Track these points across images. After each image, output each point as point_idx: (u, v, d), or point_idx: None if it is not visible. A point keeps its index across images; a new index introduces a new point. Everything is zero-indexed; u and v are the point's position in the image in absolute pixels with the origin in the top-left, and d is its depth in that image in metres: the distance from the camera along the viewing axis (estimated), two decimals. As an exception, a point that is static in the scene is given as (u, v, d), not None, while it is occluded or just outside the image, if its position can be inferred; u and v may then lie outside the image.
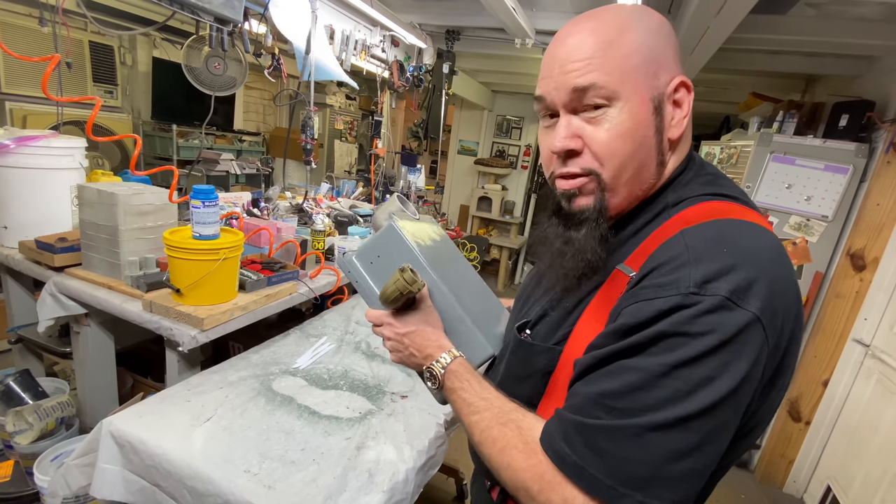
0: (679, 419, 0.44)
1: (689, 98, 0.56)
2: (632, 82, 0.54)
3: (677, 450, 0.45)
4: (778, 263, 0.49)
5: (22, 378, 1.51)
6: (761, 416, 0.53)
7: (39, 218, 1.55)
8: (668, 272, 0.48)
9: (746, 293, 0.45)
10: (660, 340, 0.46)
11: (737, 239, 0.49)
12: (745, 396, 0.46)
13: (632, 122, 0.54)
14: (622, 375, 0.47)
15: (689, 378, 0.45)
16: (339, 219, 2.40)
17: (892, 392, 1.93)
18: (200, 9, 1.44)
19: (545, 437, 0.51)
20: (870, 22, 1.92)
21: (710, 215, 0.53)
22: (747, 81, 3.20)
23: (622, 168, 0.56)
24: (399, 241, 0.75)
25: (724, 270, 0.46)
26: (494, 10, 2.12)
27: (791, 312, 0.49)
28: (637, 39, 0.54)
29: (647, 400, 0.45)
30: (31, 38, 2.94)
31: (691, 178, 0.58)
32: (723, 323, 0.44)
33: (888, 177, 2.07)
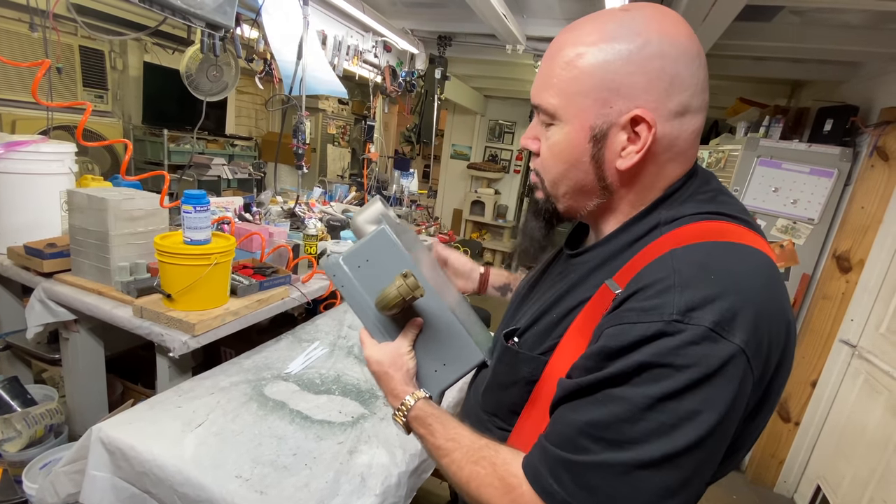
0: (666, 456, 0.44)
1: (647, 133, 0.51)
2: (575, 106, 0.53)
3: (667, 487, 0.44)
4: (767, 291, 0.48)
5: (10, 385, 1.50)
6: (745, 441, 0.53)
7: (28, 223, 1.54)
8: (652, 296, 0.47)
9: (731, 324, 0.44)
10: (644, 371, 0.45)
11: (725, 265, 0.48)
12: (729, 428, 0.46)
13: (566, 144, 0.55)
14: (607, 406, 0.46)
15: (675, 411, 0.44)
16: (332, 223, 2.40)
17: (878, 392, 1.96)
18: (192, 14, 1.44)
19: (530, 471, 0.51)
20: (853, 29, 1.97)
21: (702, 236, 0.51)
22: (734, 87, 3.25)
23: (554, 183, 0.59)
24: (391, 247, 0.72)
25: (709, 299, 0.45)
26: (486, 16, 2.14)
27: (779, 341, 0.48)
28: (595, 63, 0.52)
29: (632, 433, 0.45)
30: (20, 43, 2.92)
31: (689, 196, 0.56)
32: (706, 356, 0.43)
33: (872, 180, 2.11)
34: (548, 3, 2.34)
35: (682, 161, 0.56)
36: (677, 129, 0.53)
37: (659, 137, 0.52)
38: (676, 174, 0.56)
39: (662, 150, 0.53)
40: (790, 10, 1.89)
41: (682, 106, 0.52)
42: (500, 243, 5.66)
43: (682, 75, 0.51)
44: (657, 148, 0.53)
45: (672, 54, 0.50)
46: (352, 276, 0.74)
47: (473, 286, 0.95)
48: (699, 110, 0.53)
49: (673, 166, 0.56)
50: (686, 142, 0.54)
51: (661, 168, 0.55)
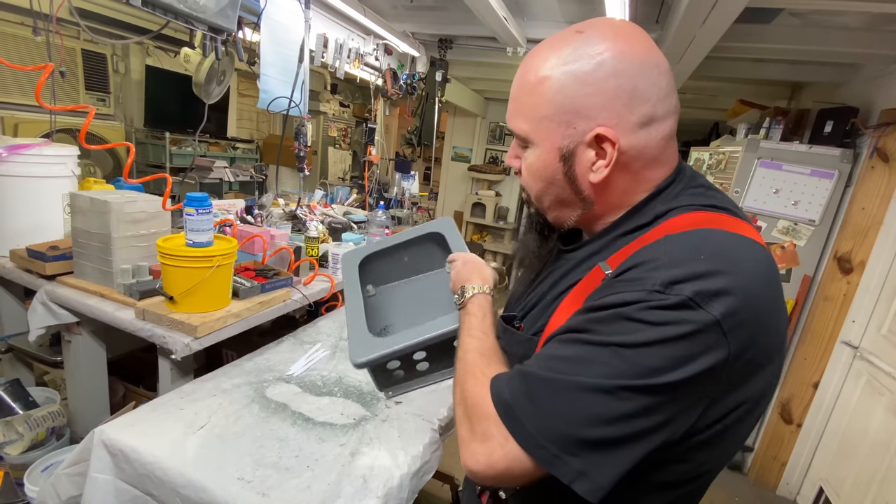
0: (611, 388, 0.45)
1: (612, 149, 0.54)
2: (543, 130, 0.57)
3: (600, 415, 0.46)
4: (759, 280, 0.48)
5: (12, 388, 1.50)
6: (734, 432, 0.52)
7: (31, 226, 1.54)
8: (640, 272, 0.49)
9: (713, 299, 0.45)
10: (615, 321, 0.47)
11: (718, 249, 0.49)
12: (692, 397, 0.46)
13: (540, 164, 0.59)
14: (574, 345, 0.49)
15: (634, 363, 0.45)
16: (333, 225, 2.40)
17: (880, 393, 1.96)
18: (195, 18, 1.45)
19: (494, 380, 0.54)
20: (852, 31, 1.97)
21: (698, 224, 0.52)
22: (734, 89, 3.25)
23: (538, 198, 0.64)
24: None
25: (694, 275, 0.46)
26: (486, 19, 2.15)
27: (767, 331, 0.48)
28: (554, 88, 0.54)
29: (588, 370, 0.47)
30: (23, 47, 2.93)
31: (681, 190, 0.58)
32: (680, 319, 0.44)
33: (872, 181, 2.11)
34: (548, 5, 2.34)
35: (661, 163, 0.58)
36: (644, 138, 0.54)
37: (625, 149, 0.54)
38: (659, 175, 0.58)
39: (633, 159, 0.55)
40: (789, 12, 1.90)
41: (645, 117, 0.54)
42: (501, 245, 5.66)
43: (641, 88, 0.53)
44: (627, 158, 0.55)
45: (628, 70, 0.52)
46: None
47: None
48: (667, 115, 0.55)
49: (651, 170, 0.58)
50: (657, 147, 0.56)
51: (638, 175, 0.57)
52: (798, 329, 2.43)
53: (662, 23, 2.19)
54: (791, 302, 2.41)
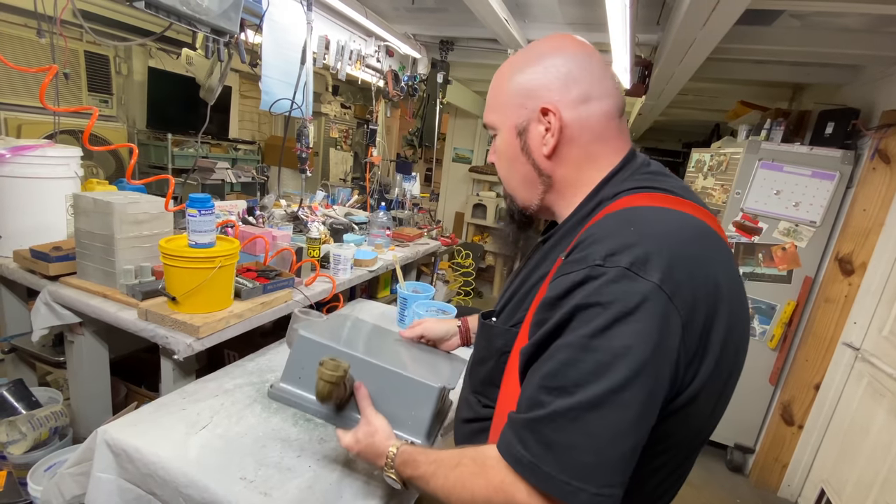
0: (608, 392, 0.47)
1: (555, 119, 0.64)
2: (503, 114, 0.69)
3: (617, 429, 0.47)
4: (683, 243, 0.53)
5: (15, 388, 1.50)
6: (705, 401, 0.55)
7: (34, 227, 1.55)
8: (582, 249, 0.55)
9: (646, 265, 0.49)
10: (576, 314, 0.50)
11: (647, 221, 0.55)
12: (663, 365, 0.49)
13: (504, 145, 0.71)
14: (555, 356, 0.52)
15: (608, 349, 0.48)
16: (335, 226, 2.41)
17: (881, 395, 1.96)
18: (197, 20, 1.46)
19: (502, 445, 0.54)
20: (853, 32, 1.98)
21: (634, 203, 0.58)
22: (735, 90, 3.26)
23: (507, 180, 0.74)
24: (313, 345, 0.81)
25: (626, 245, 0.51)
26: (487, 21, 2.16)
27: (706, 290, 0.52)
28: (511, 81, 0.68)
29: (575, 375, 0.49)
30: (27, 49, 2.95)
31: (629, 176, 0.64)
32: (626, 292, 0.48)
33: (874, 183, 2.11)
34: (549, 7, 2.35)
35: (606, 140, 0.66)
36: (584, 112, 0.64)
37: (568, 122, 0.64)
38: (609, 156, 0.66)
39: (578, 132, 0.65)
40: (790, 13, 1.90)
41: (582, 94, 0.64)
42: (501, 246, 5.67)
43: (575, 72, 0.64)
44: (572, 132, 0.65)
45: (562, 59, 0.65)
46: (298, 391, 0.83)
47: (458, 342, 1.05)
48: (603, 96, 0.65)
49: (597, 145, 0.66)
50: (599, 123, 0.65)
51: (586, 149, 0.66)
52: (799, 331, 2.43)
53: (663, 25, 2.19)
54: (792, 303, 2.41)
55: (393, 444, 0.71)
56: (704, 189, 2.79)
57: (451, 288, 4.04)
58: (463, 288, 4.27)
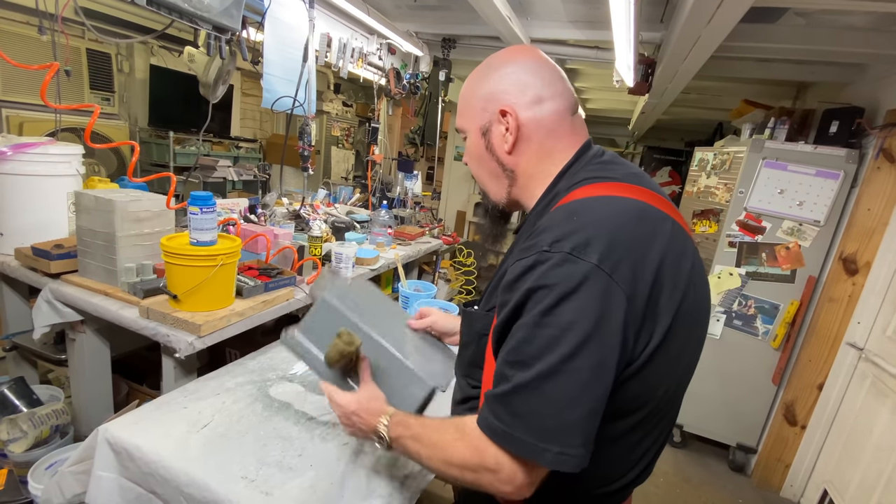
0: (560, 362, 0.54)
1: (512, 119, 0.72)
2: (469, 118, 0.78)
3: (571, 394, 0.55)
4: (625, 227, 0.60)
5: (16, 386, 1.50)
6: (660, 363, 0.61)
7: (36, 224, 1.55)
8: (534, 237, 0.62)
9: (586, 249, 0.56)
10: (530, 296, 0.58)
11: (589, 210, 0.62)
12: (610, 334, 0.55)
13: (472, 145, 0.79)
14: (515, 335, 0.59)
15: (557, 324, 0.55)
16: (337, 225, 2.41)
17: (885, 395, 1.95)
18: (199, 17, 1.45)
19: (481, 419, 0.61)
20: (858, 31, 1.96)
21: (583, 195, 0.65)
22: (739, 89, 3.24)
23: (478, 177, 0.82)
24: (334, 311, 0.87)
25: (569, 232, 0.58)
26: (490, 19, 2.15)
27: (645, 265, 0.58)
28: (476, 87, 0.77)
29: (531, 350, 0.56)
30: (29, 46, 2.95)
31: (582, 167, 0.72)
32: (568, 273, 0.55)
33: (878, 182, 2.10)
34: (552, 5, 2.34)
35: (560, 136, 0.73)
36: (538, 112, 0.72)
37: (524, 121, 0.72)
38: (564, 151, 0.73)
39: (533, 130, 0.73)
40: (795, 11, 1.89)
41: (535, 96, 0.72)
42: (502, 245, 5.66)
43: (526, 78, 0.73)
44: (528, 130, 0.73)
45: (515, 67, 0.73)
46: (311, 347, 0.89)
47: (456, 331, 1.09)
48: (553, 97, 0.73)
49: (552, 140, 0.73)
50: (552, 120, 0.73)
51: (541, 145, 0.74)
52: (802, 330, 2.42)
53: (667, 23, 2.18)
54: (795, 303, 2.40)
55: (388, 413, 0.78)
56: (707, 188, 2.78)
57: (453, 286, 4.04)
58: (464, 287, 4.26)
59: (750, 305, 2.48)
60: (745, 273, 2.46)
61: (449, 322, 1.09)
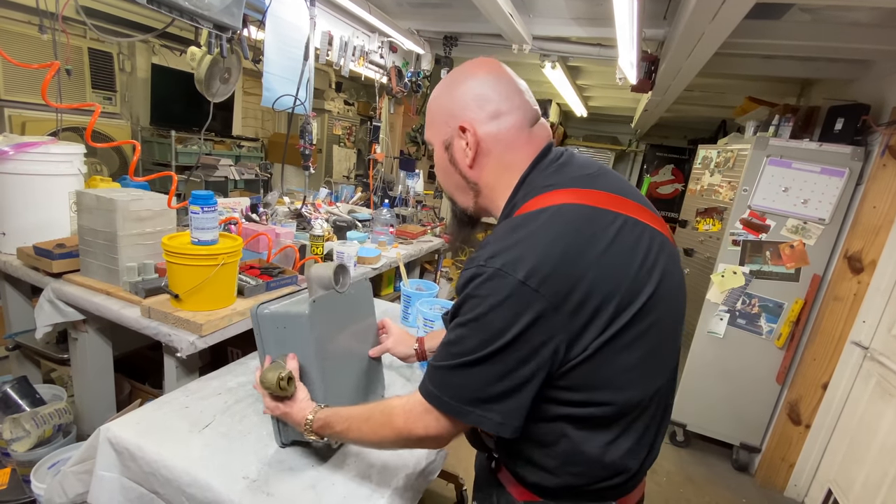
0: (482, 357, 0.64)
1: (471, 134, 0.75)
2: (435, 132, 0.81)
3: (487, 378, 0.65)
4: (557, 240, 0.63)
5: (19, 385, 1.51)
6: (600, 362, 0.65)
7: (38, 224, 1.55)
8: (476, 252, 0.68)
9: (515, 266, 0.62)
10: (465, 302, 0.66)
11: (524, 227, 0.66)
12: (536, 343, 0.62)
13: (438, 159, 0.82)
14: (454, 330, 0.68)
15: (486, 329, 0.63)
16: (338, 224, 2.40)
17: (890, 394, 1.93)
18: (200, 16, 1.45)
19: (421, 386, 0.71)
20: (864, 26, 1.94)
21: (531, 207, 0.69)
22: (743, 86, 3.22)
23: (445, 188, 0.86)
24: (304, 330, 0.89)
25: (503, 249, 0.64)
26: (492, 16, 2.14)
27: (578, 274, 0.62)
28: (440, 102, 0.79)
29: (461, 347, 0.66)
30: (30, 45, 2.95)
31: (537, 175, 0.74)
32: (497, 287, 0.62)
33: (884, 180, 2.08)
34: (554, 2, 2.32)
35: (517, 148, 0.76)
36: (496, 127, 0.75)
37: (483, 136, 0.75)
38: (521, 161, 0.76)
39: (492, 144, 0.75)
40: (800, 7, 1.87)
41: (494, 111, 0.75)
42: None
43: (485, 93, 0.75)
44: (487, 144, 0.75)
45: (476, 82, 0.76)
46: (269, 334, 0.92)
47: (416, 359, 1.17)
48: (511, 111, 0.75)
49: (510, 153, 0.76)
50: (509, 134, 0.75)
51: (501, 158, 0.76)
52: (807, 329, 2.40)
53: (670, 19, 2.17)
54: (800, 302, 2.38)
55: (311, 411, 0.84)
56: (711, 186, 2.77)
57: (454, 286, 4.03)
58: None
59: (754, 304, 2.47)
60: (749, 271, 2.45)
61: (402, 350, 1.16)
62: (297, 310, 0.90)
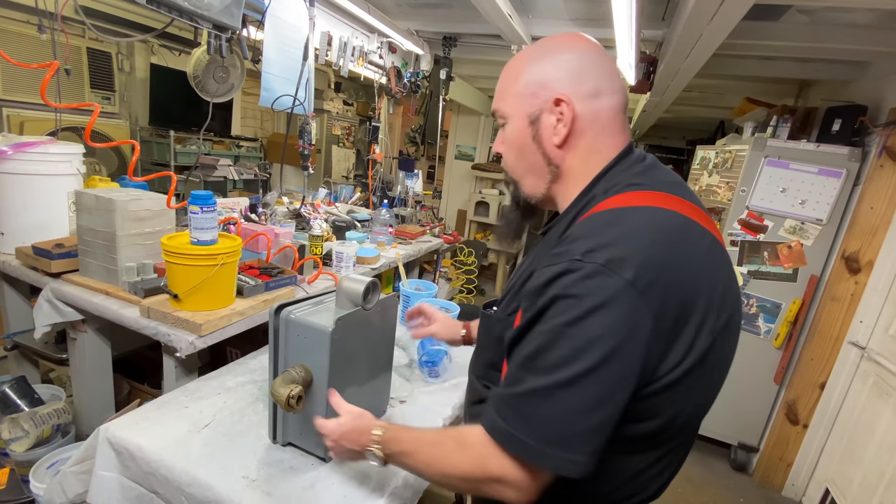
0: (579, 375, 0.53)
1: (568, 109, 0.66)
2: (515, 103, 0.71)
3: (584, 404, 0.53)
4: (663, 245, 0.56)
5: (18, 385, 1.51)
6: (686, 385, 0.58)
7: (37, 224, 1.55)
8: (565, 244, 0.59)
9: (621, 264, 0.53)
10: (554, 303, 0.55)
11: (625, 222, 0.58)
12: (632, 351, 0.53)
13: (514, 133, 0.72)
14: (534, 340, 0.57)
15: (582, 336, 0.53)
16: (337, 224, 2.40)
17: (887, 394, 1.94)
18: (199, 16, 1.45)
19: (485, 418, 0.60)
20: (861, 28, 1.95)
21: (620, 203, 0.61)
22: (741, 87, 3.23)
23: (514, 168, 0.75)
24: (324, 345, 0.85)
25: (604, 244, 0.55)
26: (491, 17, 2.14)
27: (679, 287, 0.55)
28: (527, 70, 0.70)
29: (551, 359, 0.54)
30: (29, 45, 2.94)
31: (622, 171, 0.67)
32: (600, 286, 0.53)
33: (881, 180, 2.09)
34: (553, 3, 2.33)
35: (611, 134, 0.68)
36: (595, 106, 0.67)
37: (580, 114, 0.66)
38: (610, 151, 0.69)
39: (588, 125, 0.67)
40: (798, 9, 1.88)
41: (594, 89, 0.66)
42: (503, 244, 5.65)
43: (587, 68, 0.67)
44: (582, 124, 0.67)
45: (576, 55, 0.67)
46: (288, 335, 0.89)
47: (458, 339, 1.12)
48: (612, 92, 0.67)
49: (604, 138, 0.68)
50: (607, 117, 0.68)
51: (593, 142, 0.68)
52: (805, 329, 2.41)
53: (669, 20, 2.17)
54: (798, 302, 2.39)
55: (378, 426, 0.75)
56: (709, 187, 2.77)
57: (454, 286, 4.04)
58: (465, 286, 4.26)
59: (752, 304, 2.48)
60: (747, 272, 2.46)
61: (450, 330, 1.11)
62: (321, 323, 0.86)
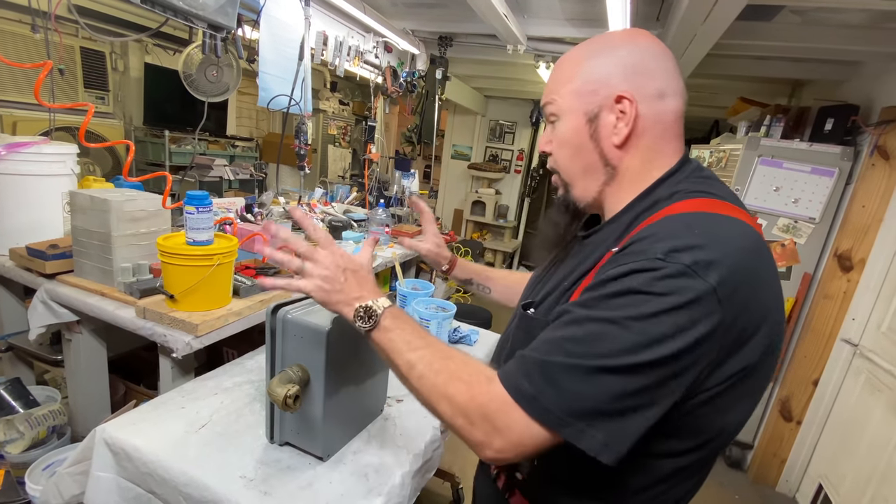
0: (629, 366, 0.50)
1: (630, 108, 0.62)
2: (571, 100, 0.66)
3: (623, 390, 0.50)
4: (746, 255, 0.54)
5: (12, 386, 1.50)
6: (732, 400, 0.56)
7: (31, 224, 1.54)
8: (643, 245, 0.55)
9: (707, 267, 0.50)
10: (626, 294, 0.52)
11: (710, 227, 0.55)
12: (690, 363, 0.51)
13: (569, 132, 0.68)
14: (586, 324, 0.53)
15: (647, 332, 0.50)
16: (334, 224, 2.40)
17: (879, 390, 1.96)
18: (194, 15, 1.44)
19: (504, 375, 0.56)
20: (853, 28, 1.97)
21: (693, 208, 0.59)
22: (735, 86, 3.25)
23: (566, 169, 0.70)
24: (321, 344, 0.84)
25: (689, 246, 0.51)
26: (486, 17, 2.14)
27: (754, 301, 0.53)
28: (583, 66, 0.66)
29: (605, 345, 0.51)
30: (22, 44, 2.92)
31: (684, 178, 0.64)
32: (682, 287, 0.50)
33: (873, 179, 2.11)
34: (549, 3, 2.34)
35: (671, 139, 0.65)
36: (660, 108, 0.63)
37: (643, 114, 0.63)
38: (670, 156, 0.65)
39: (650, 126, 0.64)
40: (790, 9, 1.90)
41: (658, 90, 0.63)
42: (500, 243, 5.66)
43: (651, 66, 0.63)
44: (644, 125, 0.63)
45: (639, 52, 0.64)
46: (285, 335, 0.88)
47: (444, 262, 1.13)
48: (676, 94, 0.64)
49: (665, 142, 0.65)
50: (670, 120, 0.64)
51: (654, 145, 0.65)
52: (798, 327, 2.43)
53: (663, 21, 2.18)
54: (791, 300, 2.41)
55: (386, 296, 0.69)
56: (704, 185, 2.79)
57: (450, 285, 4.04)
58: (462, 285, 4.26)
59: (746, 302, 2.49)
60: (741, 270, 2.47)
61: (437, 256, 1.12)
62: (317, 323, 0.86)
